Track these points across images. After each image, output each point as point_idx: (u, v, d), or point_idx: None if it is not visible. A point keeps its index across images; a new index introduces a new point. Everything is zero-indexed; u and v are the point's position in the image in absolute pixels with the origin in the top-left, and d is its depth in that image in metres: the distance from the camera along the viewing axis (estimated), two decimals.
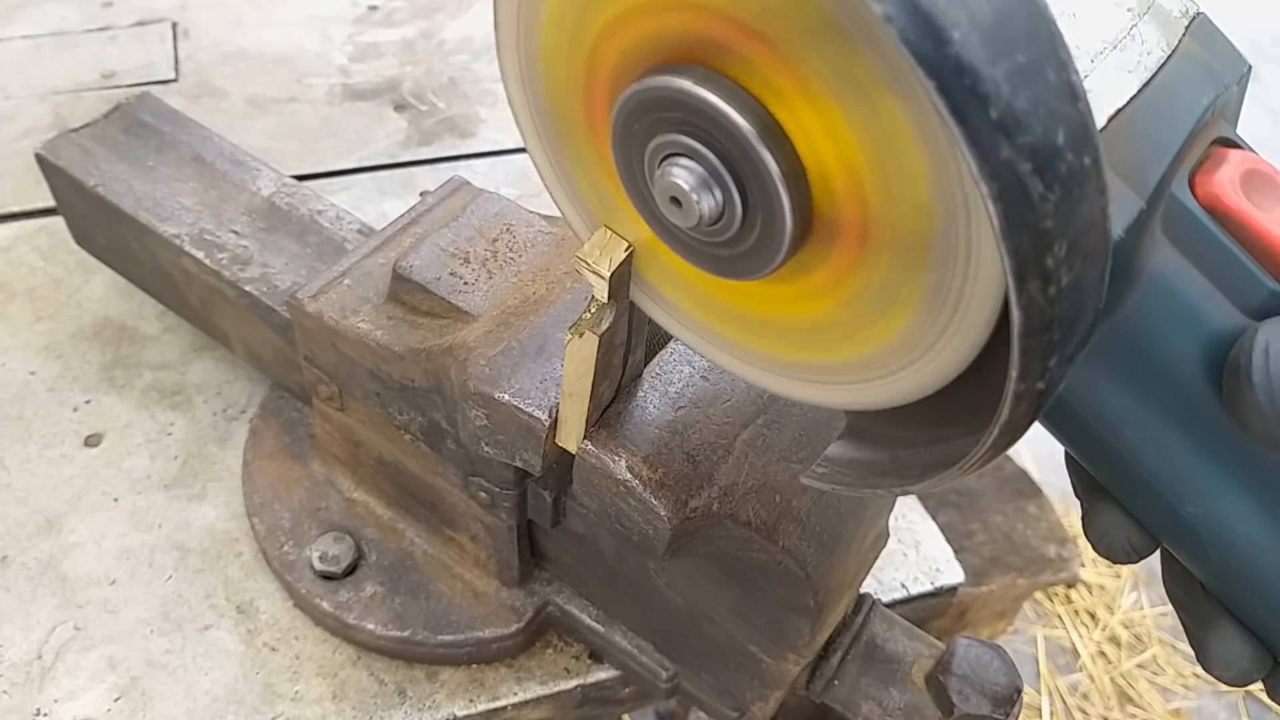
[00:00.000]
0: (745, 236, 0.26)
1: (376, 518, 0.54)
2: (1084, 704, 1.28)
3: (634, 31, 0.25)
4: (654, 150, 0.26)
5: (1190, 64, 0.27)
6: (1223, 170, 0.26)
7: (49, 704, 0.49)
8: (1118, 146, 0.25)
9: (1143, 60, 0.26)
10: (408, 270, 0.45)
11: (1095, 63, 0.25)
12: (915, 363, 0.25)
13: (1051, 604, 1.37)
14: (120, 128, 0.60)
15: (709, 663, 0.48)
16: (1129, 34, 0.26)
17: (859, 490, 0.29)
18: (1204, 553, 0.29)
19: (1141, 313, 0.26)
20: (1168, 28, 0.27)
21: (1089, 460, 0.30)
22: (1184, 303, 0.26)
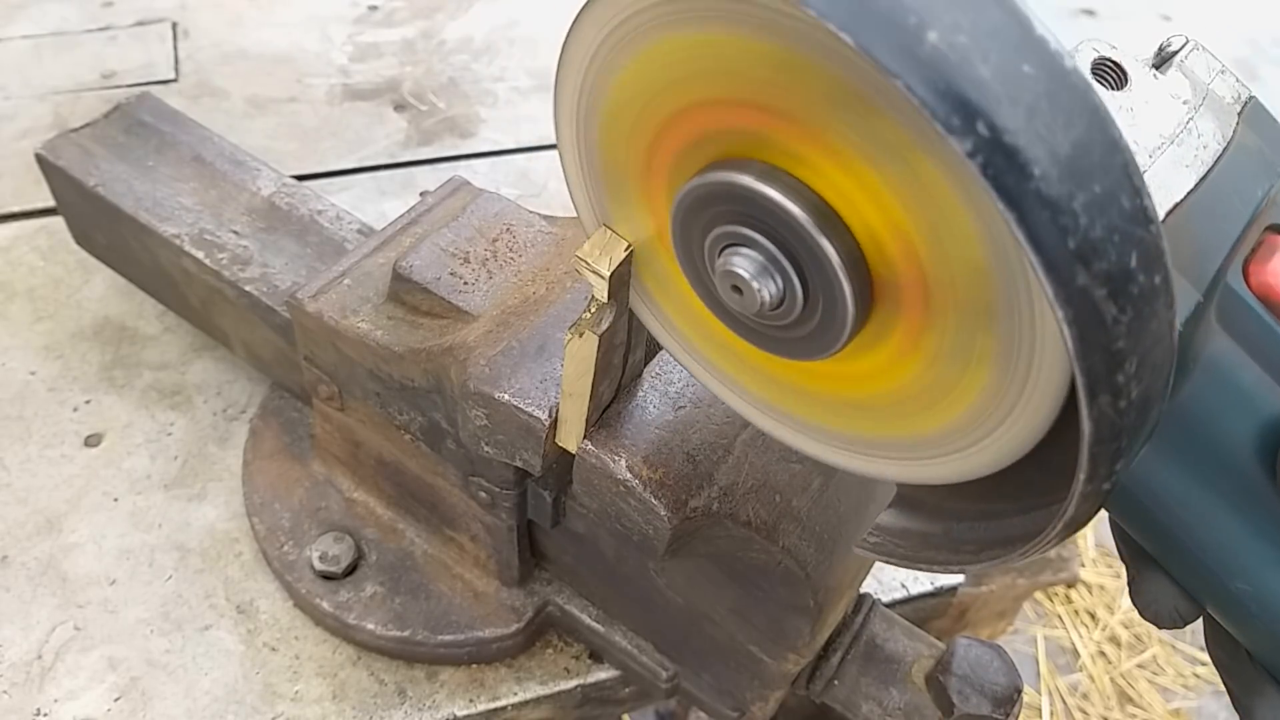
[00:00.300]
0: (808, 319, 0.26)
1: (376, 518, 0.54)
2: (1084, 704, 1.28)
3: (690, 128, 0.26)
4: (714, 240, 0.26)
5: (1245, 154, 0.27)
6: (1277, 259, 0.27)
7: (49, 704, 0.49)
8: (1175, 240, 0.25)
9: (1199, 155, 0.27)
10: (408, 270, 0.45)
11: (1153, 158, 0.26)
12: (989, 436, 0.26)
13: (1051, 604, 1.37)
14: (120, 128, 0.60)
15: (709, 663, 0.48)
16: (1185, 128, 0.27)
17: (915, 564, 0.30)
18: (1252, 624, 0.29)
19: (1197, 398, 0.27)
20: (1223, 118, 0.27)
21: (1140, 533, 0.30)
22: (1238, 389, 0.27)
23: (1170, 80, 0.28)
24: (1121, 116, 0.26)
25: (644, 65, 0.25)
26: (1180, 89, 0.28)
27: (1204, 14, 1.34)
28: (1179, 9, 1.33)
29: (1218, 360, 0.27)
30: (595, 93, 0.27)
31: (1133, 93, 0.27)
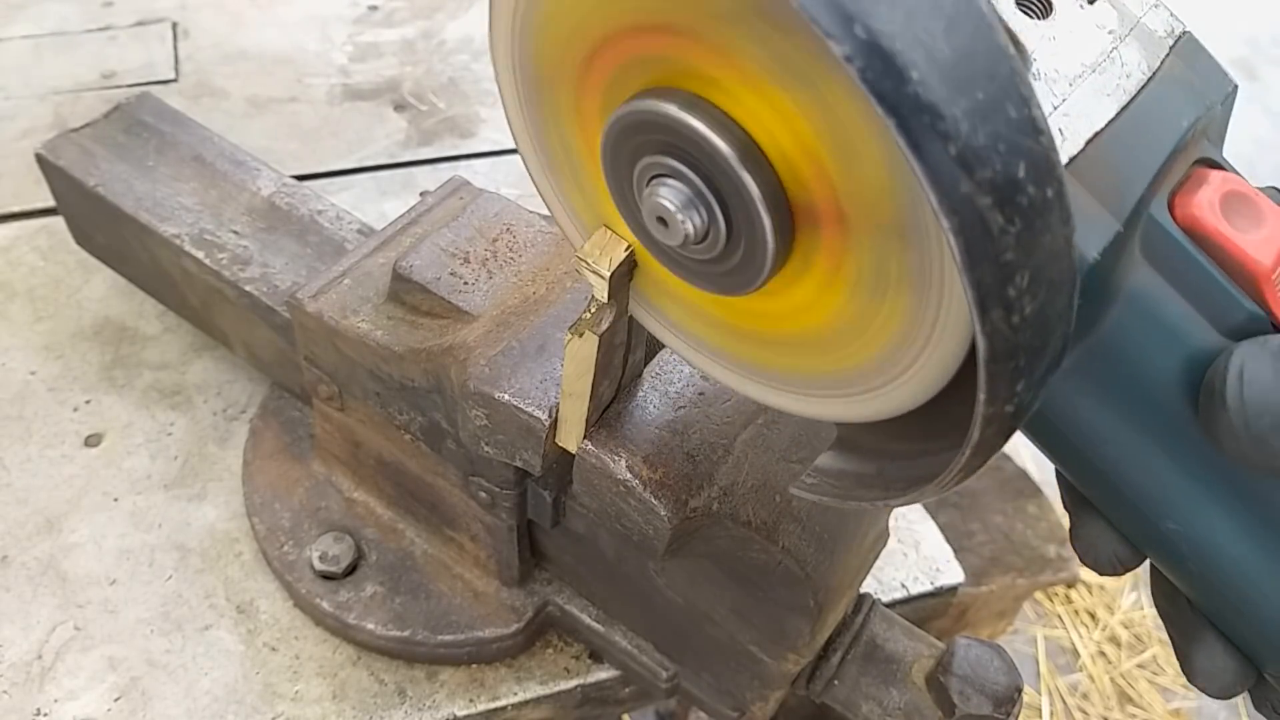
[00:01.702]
0: (732, 253, 0.26)
1: (376, 518, 0.54)
2: (1084, 704, 1.28)
3: (616, 53, 0.26)
4: (641, 170, 0.26)
5: (1173, 85, 0.27)
6: (1202, 192, 0.26)
7: (49, 704, 0.49)
8: (1095, 169, 0.25)
9: (1122, 83, 0.26)
10: (408, 270, 0.45)
11: (1074, 86, 0.26)
12: (906, 372, 0.26)
13: (1051, 604, 1.37)
14: (120, 128, 0.60)
15: (709, 663, 0.48)
16: (1109, 56, 0.26)
17: (845, 502, 0.30)
18: (1185, 567, 0.29)
19: (1119, 332, 0.27)
20: (1150, 48, 0.27)
21: (1073, 474, 0.30)
22: (1162, 322, 0.27)
23: (1097, 10, 0.27)
24: (1043, 45, 0.26)
25: None
26: (1107, 19, 0.27)
27: (1204, 14, 1.34)
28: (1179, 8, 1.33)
29: (1141, 292, 0.27)
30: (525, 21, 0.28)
31: (1056, 21, 0.26)
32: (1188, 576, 0.29)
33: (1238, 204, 0.26)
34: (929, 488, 0.26)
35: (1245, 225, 0.26)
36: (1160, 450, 0.28)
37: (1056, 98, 0.25)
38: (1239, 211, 0.26)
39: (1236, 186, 0.26)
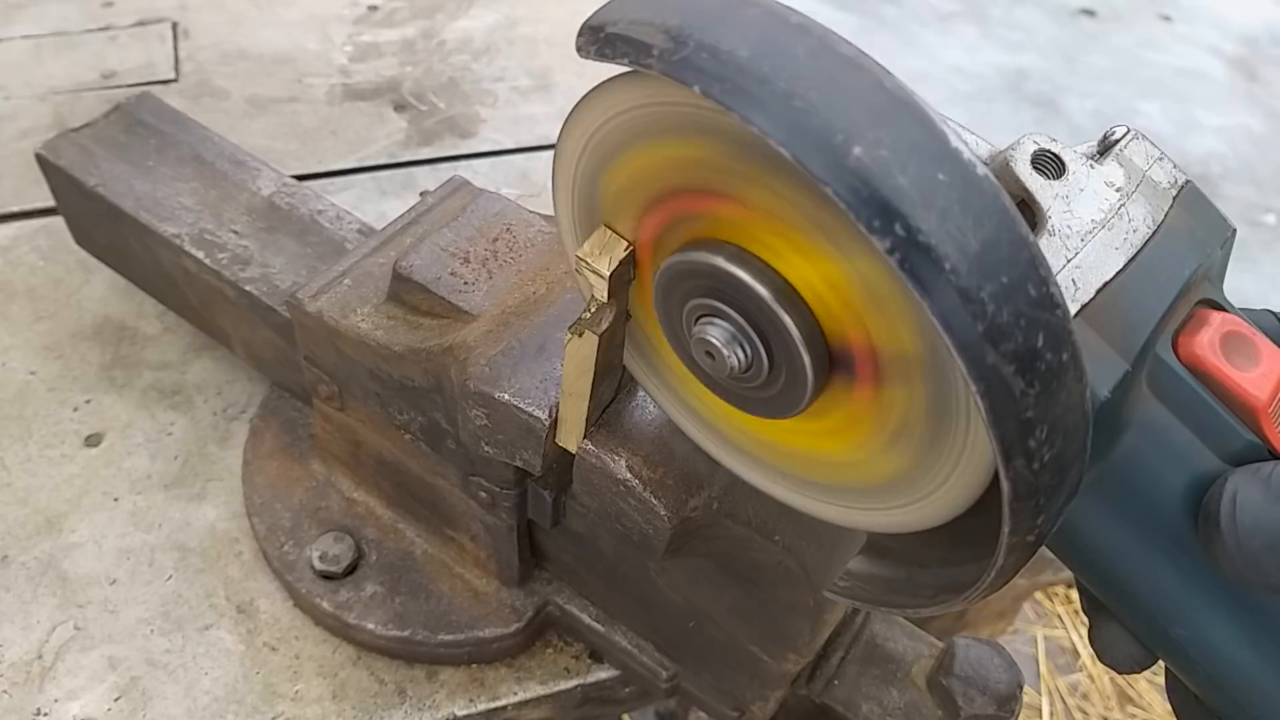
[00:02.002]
0: (774, 383, 0.29)
1: (376, 517, 0.54)
2: (1084, 704, 1.28)
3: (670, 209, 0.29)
4: (690, 310, 0.29)
5: (1176, 235, 0.30)
6: (1204, 332, 0.29)
7: (49, 703, 0.49)
8: (1104, 315, 0.28)
9: (1129, 237, 0.29)
10: (408, 270, 0.45)
11: (1085, 241, 0.28)
12: (933, 494, 0.28)
13: (1051, 604, 1.37)
14: (121, 127, 0.60)
15: (709, 662, 0.48)
16: (1117, 213, 0.29)
17: (878, 607, 0.32)
18: (1193, 669, 0.32)
19: (1130, 458, 0.29)
20: (1156, 201, 0.30)
21: (1089, 582, 0.33)
22: (1168, 450, 0.29)
23: (1107, 169, 0.30)
24: (1057, 203, 0.29)
25: (629, 161, 0.29)
26: (1115, 177, 0.30)
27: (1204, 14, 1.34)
28: (1179, 9, 1.33)
29: (1149, 423, 0.29)
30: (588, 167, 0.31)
31: (1069, 181, 0.29)
32: (1195, 677, 0.32)
33: (1236, 343, 0.29)
34: (956, 600, 0.29)
35: (1243, 363, 0.29)
36: (1167, 565, 0.30)
37: (1070, 251, 0.28)
38: (1237, 350, 0.29)
39: (1235, 327, 0.29)
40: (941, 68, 1.07)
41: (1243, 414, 0.29)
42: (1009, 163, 0.29)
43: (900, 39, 1.13)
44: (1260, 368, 0.29)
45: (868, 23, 1.15)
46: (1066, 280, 0.28)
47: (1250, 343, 0.29)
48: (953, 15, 1.17)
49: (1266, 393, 0.28)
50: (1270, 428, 0.29)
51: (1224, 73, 1.23)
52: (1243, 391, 0.28)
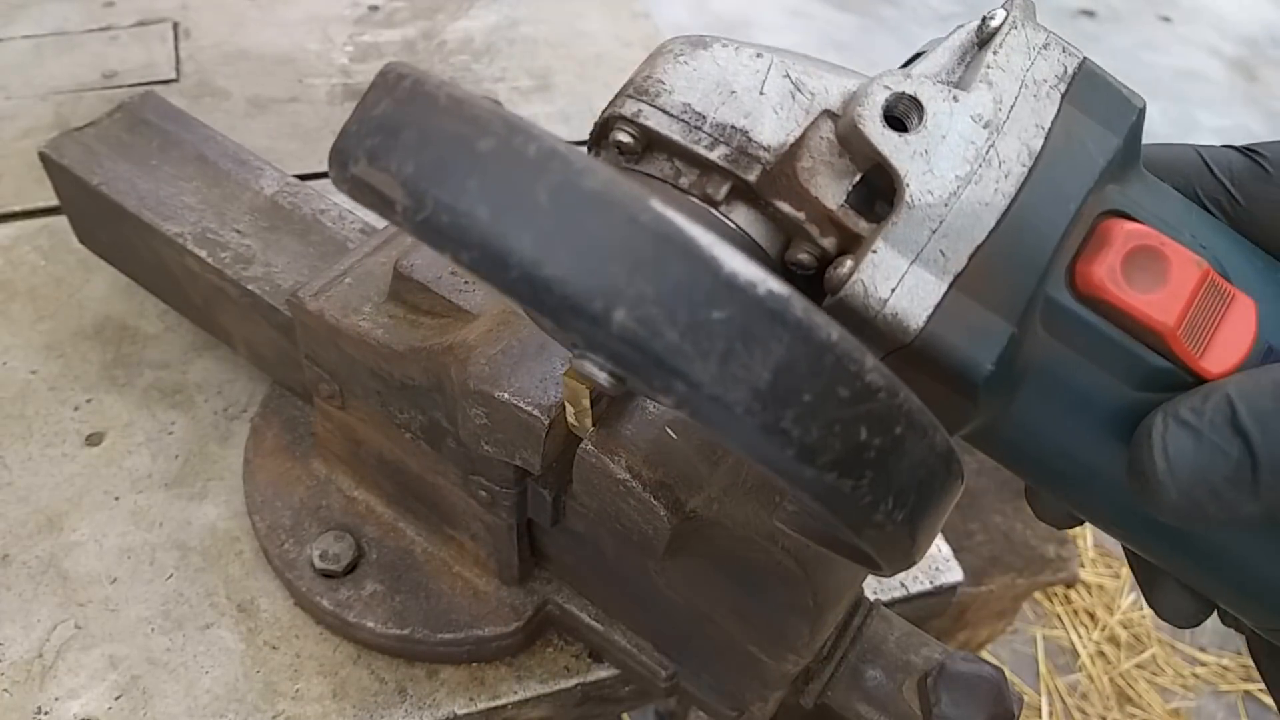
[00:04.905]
0: None
1: (377, 516, 0.54)
2: (1083, 704, 1.28)
3: None
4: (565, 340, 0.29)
5: (1064, 155, 0.27)
6: (1103, 256, 0.26)
7: (50, 702, 0.49)
8: (982, 279, 0.26)
9: (1000, 186, 0.26)
10: (409, 269, 0.45)
11: (949, 205, 0.26)
12: None
13: (1051, 604, 1.37)
14: (124, 126, 0.60)
15: (708, 662, 0.48)
16: (984, 159, 0.26)
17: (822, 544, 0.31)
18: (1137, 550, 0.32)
19: (1029, 407, 0.28)
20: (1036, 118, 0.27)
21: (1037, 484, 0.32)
22: (1070, 392, 0.28)
23: (973, 98, 0.27)
24: (914, 164, 0.26)
25: None
26: (982, 106, 0.27)
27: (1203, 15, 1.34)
28: (1179, 10, 1.34)
29: (1049, 368, 0.27)
30: None
31: (928, 129, 0.26)
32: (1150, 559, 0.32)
33: (1142, 260, 0.26)
34: None
35: (1149, 283, 0.26)
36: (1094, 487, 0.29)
37: (933, 222, 0.26)
38: (1143, 268, 0.26)
39: (1141, 241, 0.26)
40: None
41: (1151, 340, 0.27)
42: (856, 122, 0.26)
43: (900, 39, 1.13)
44: (1169, 285, 0.26)
45: (868, 23, 1.15)
46: (934, 253, 0.26)
47: (1158, 256, 0.26)
48: (953, 16, 1.17)
49: (1174, 314, 0.26)
50: (1183, 349, 0.26)
51: (1224, 73, 1.23)
52: (1148, 317, 0.26)
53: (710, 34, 0.29)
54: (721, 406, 0.20)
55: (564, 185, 0.20)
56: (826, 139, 0.27)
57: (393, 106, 0.23)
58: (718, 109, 0.27)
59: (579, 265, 0.20)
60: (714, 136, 0.27)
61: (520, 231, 0.20)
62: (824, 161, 0.27)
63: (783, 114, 0.27)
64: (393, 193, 0.22)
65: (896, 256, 0.26)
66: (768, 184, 0.27)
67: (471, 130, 0.21)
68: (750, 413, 0.20)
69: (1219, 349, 0.27)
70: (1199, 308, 0.26)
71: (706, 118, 0.27)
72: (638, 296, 0.20)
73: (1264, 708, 1.31)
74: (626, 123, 0.28)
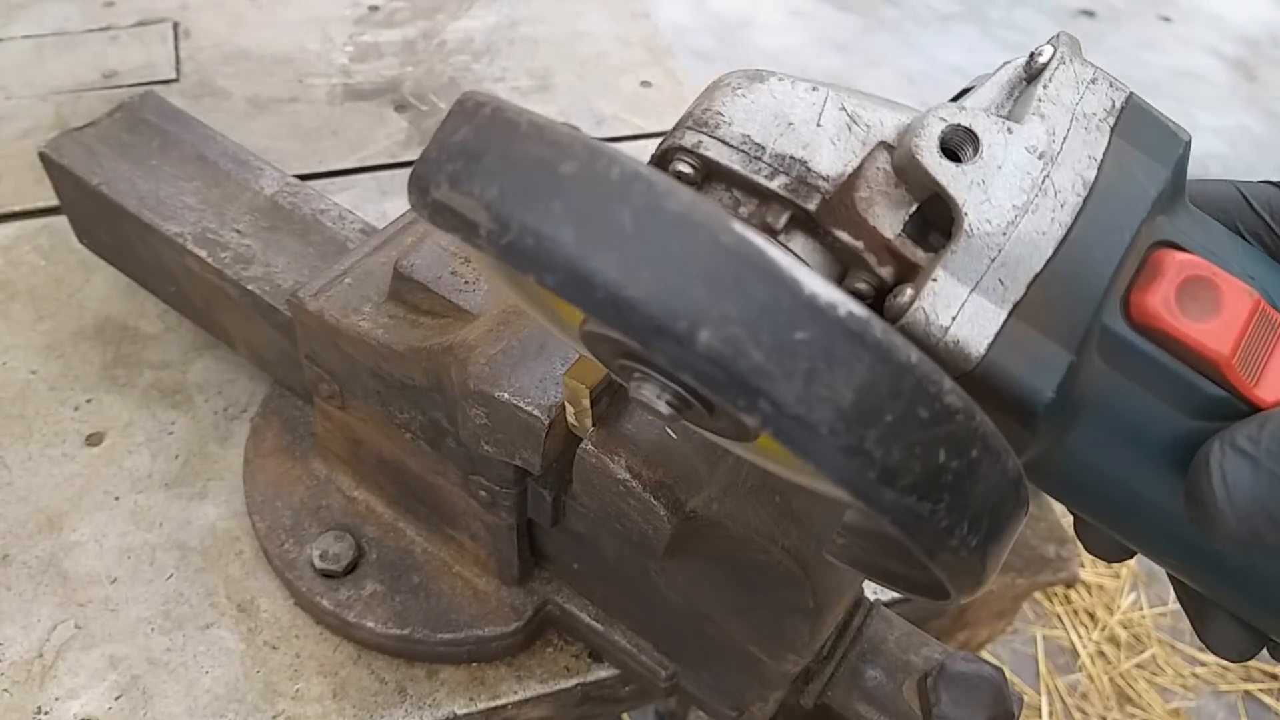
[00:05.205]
0: (718, 420, 0.28)
1: (377, 516, 0.54)
2: (1083, 704, 1.28)
3: None
4: (620, 367, 0.28)
5: (1117, 185, 0.27)
6: (1157, 286, 0.27)
7: (50, 702, 0.49)
8: (1041, 308, 0.26)
9: (1056, 216, 0.26)
10: (409, 269, 0.45)
11: (1007, 235, 0.26)
12: None
13: (1051, 604, 1.37)
14: (124, 126, 0.60)
15: (709, 662, 0.48)
16: (1040, 189, 0.27)
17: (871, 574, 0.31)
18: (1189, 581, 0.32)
19: (1088, 436, 0.28)
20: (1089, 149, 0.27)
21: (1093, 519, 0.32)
22: (1127, 421, 0.28)
23: (1027, 130, 0.27)
24: (972, 194, 0.26)
25: None
26: (1036, 138, 0.27)
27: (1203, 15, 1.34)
28: (1178, 10, 1.34)
29: (1106, 398, 0.28)
30: None
31: (984, 160, 0.27)
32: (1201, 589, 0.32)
33: (1195, 290, 0.27)
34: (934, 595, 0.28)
35: (1202, 312, 0.27)
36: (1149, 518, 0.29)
37: (992, 250, 0.26)
38: (1196, 297, 0.27)
39: (1193, 271, 0.27)
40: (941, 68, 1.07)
41: (1206, 369, 0.27)
42: (914, 154, 0.27)
43: (900, 39, 1.13)
44: (1222, 315, 0.27)
45: (868, 23, 1.15)
46: (993, 281, 0.26)
47: (1210, 286, 0.27)
48: (953, 16, 1.17)
49: (1229, 344, 0.26)
50: (1238, 378, 0.27)
51: (1224, 74, 1.23)
52: (1203, 346, 0.26)
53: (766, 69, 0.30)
54: (805, 427, 0.20)
55: (647, 208, 0.20)
56: (883, 170, 0.28)
57: (473, 132, 0.23)
58: (776, 140, 0.28)
59: (663, 286, 0.20)
60: (774, 166, 0.28)
61: (605, 253, 0.20)
62: (881, 192, 0.28)
63: (840, 145, 0.28)
64: (476, 216, 0.22)
65: (956, 285, 0.26)
66: (826, 213, 0.28)
67: (554, 154, 0.21)
68: (834, 433, 0.20)
69: (1272, 378, 0.27)
70: (1252, 337, 0.27)
71: (766, 148, 0.28)
72: (722, 317, 0.20)
73: (1264, 708, 1.31)
74: (687, 153, 0.29)
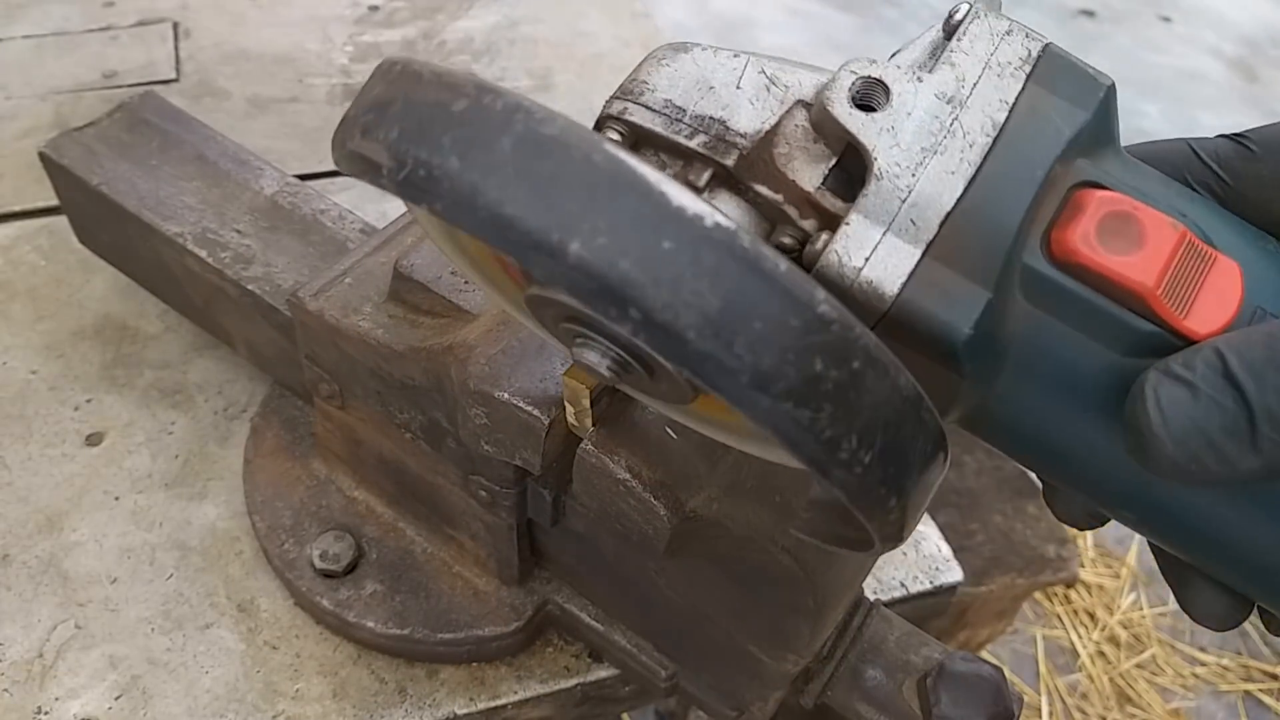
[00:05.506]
0: (659, 383, 0.29)
1: (377, 516, 0.54)
2: (1083, 704, 1.28)
3: None
4: (563, 331, 0.29)
5: (1028, 127, 0.27)
6: (1078, 222, 0.27)
7: (50, 702, 0.49)
8: (955, 246, 0.27)
9: (965, 155, 0.27)
10: (409, 269, 0.45)
11: (916, 175, 0.27)
12: None
13: (1051, 604, 1.37)
14: (124, 126, 0.60)
15: (709, 662, 0.48)
16: (948, 131, 0.27)
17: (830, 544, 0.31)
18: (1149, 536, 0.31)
19: (1019, 382, 0.28)
20: (999, 95, 0.28)
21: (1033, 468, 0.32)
22: (1055, 360, 0.28)
23: (937, 78, 0.28)
24: (883, 139, 0.27)
25: None
26: (945, 85, 0.28)
27: (1204, 15, 1.34)
28: (1179, 10, 1.34)
29: (1032, 337, 0.28)
30: None
31: (895, 108, 0.27)
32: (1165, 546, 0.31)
33: (1117, 225, 0.26)
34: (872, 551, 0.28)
35: (1125, 246, 0.26)
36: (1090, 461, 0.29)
37: (902, 192, 0.27)
38: (1118, 232, 0.26)
39: (1114, 206, 0.27)
40: None
41: (1132, 303, 0.26)
42: (826, 105, 0.28)
43: (900, 39, 1.14)
44: (1145, 248, 0.26)
45: (868, 23, 1.15)
46: (905, 222, 0.27)
47: (1132, 220, 0.26)
48: None
49: (1153, 275, 0.26)
50: (1165, 310, 0.26)
51: (1224, 74, 1.23)
52: (1125, 279, 0.26)
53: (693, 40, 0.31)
54: (673, 333, 0.21)
55: (525, 134, 0.22)
56: (801, 126, 0.29)
57: (385, 88, 0.25)
58: (697, 103, 0.29)
59: (537, 203, 0.21)
60: (694, 127, 0.29)
61: (486, 177, 0.22)
62: (800, 147, 0.29)
63: (758, 105, 0.29)
64: (379, 158, 0.23)
65: (870, 227, 0.27)
66: (746, 169, 0.29)
67: (448, 95, 0.23)
68: (702, 337, 0.21)
69: (1204, 310, 0.26)
70: (1179, 269, 0.26)
71: (687, 110, 0.29)
72: (592, 229, 0.21)
73: (1264, 708, 1.31)
74: (615, 121, 0.30)
